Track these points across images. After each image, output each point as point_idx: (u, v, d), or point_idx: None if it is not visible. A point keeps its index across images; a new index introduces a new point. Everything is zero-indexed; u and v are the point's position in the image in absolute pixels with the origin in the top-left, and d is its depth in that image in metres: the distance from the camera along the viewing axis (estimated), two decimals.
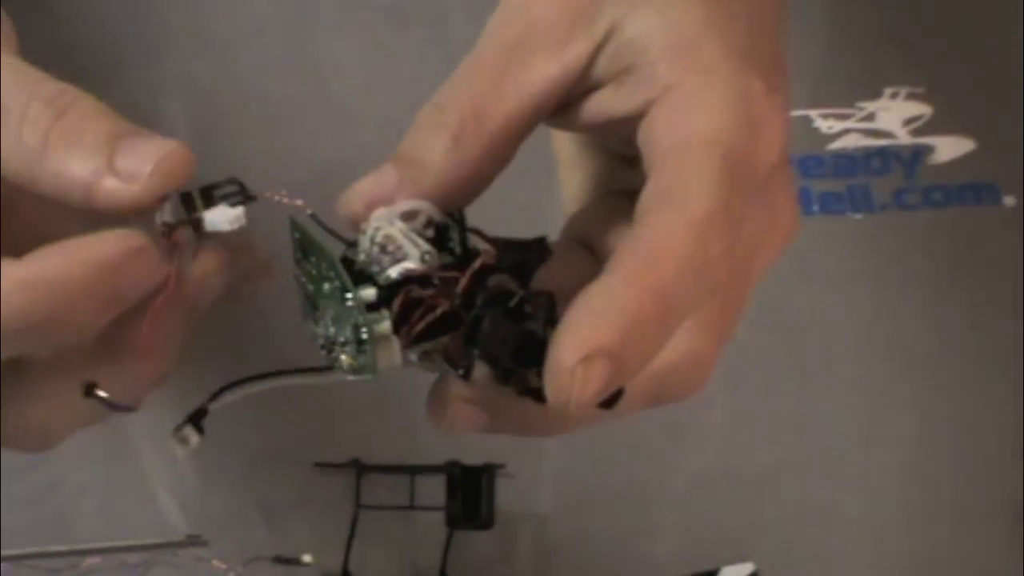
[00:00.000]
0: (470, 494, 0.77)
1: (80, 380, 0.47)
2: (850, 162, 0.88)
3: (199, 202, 0.47)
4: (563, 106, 0.51)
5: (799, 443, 0.82)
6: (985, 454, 0.82)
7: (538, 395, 0.46)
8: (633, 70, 0.50)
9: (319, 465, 0.79)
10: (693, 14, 0.50)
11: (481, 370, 0.47)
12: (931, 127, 0.89)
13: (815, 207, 0.87)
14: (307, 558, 0.77)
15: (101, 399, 0.47)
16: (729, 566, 0.79)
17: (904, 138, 0.89)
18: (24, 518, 0.78)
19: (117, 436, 0.80)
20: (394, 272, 0.46)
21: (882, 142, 0.89)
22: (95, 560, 0.77)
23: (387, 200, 0.48)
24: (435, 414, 0.49)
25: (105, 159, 0.45)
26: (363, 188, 0.49)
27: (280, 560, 0.77)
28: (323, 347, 0.48)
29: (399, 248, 0.46)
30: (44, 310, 0.43)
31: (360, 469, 0.78)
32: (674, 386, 0.51)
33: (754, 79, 0.49)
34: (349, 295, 0.45)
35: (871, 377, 0.83)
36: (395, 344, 0.46)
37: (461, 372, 0.47)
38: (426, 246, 0.46)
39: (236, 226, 0.47)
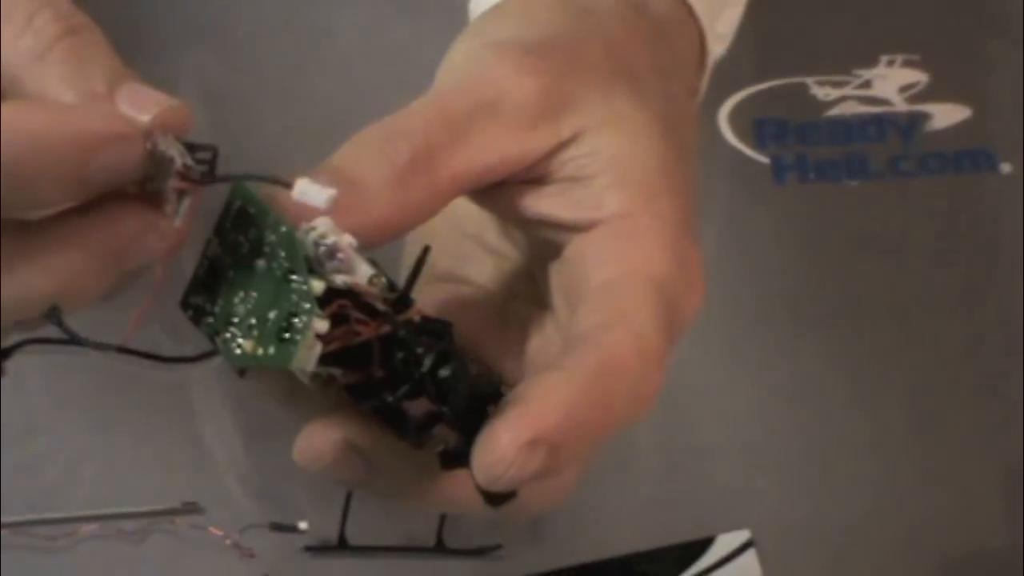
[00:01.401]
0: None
1: None
2: (847, 129, 0.88)
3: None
4: (497, 186, 0.50)
5: (796, 411, 0.82)
6: (984, 422, 0.82)
7: (450, 459, 0.46)
8: (586, 183, 0.49)
9: None
10: (658, 156, 0.50)
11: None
12: (927, 94, 0.89)
13: (811, 174, 0.88)
14: (303, 525, 0.77)
15: (61, 326, 0.43)
16: (725, 534, 0.79)
17: (900, 105, 0.89)
18: (20, 486, 0.77)
19: (114, 405, 0.80)
20: (340, 280, 0.44)
21: (878, 109, 0.89)
22: (91, 528, 0.77)
23: (316, 212, 0.45)
24: (310, 452, 0.47)
25: (105, 89, 0.43)
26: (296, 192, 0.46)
27: (276, 527, 0.77)
28: (209, 326, 0.45)
29: (347, 260, 0.44)
30: (9, 160, 0.40)
31: None
32: (525, 509, 0.50)
33: (692, 246, 0.50)
34: (298, 278, 0.43)
35: (868, 344, 0.83)
36: (317, 348, 0.43)
37: (367, 407, 0.46)
38: (375, 270, 0.44)
39: (329, 206, 0.43)
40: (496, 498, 0.47)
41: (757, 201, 0.86)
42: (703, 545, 0.79)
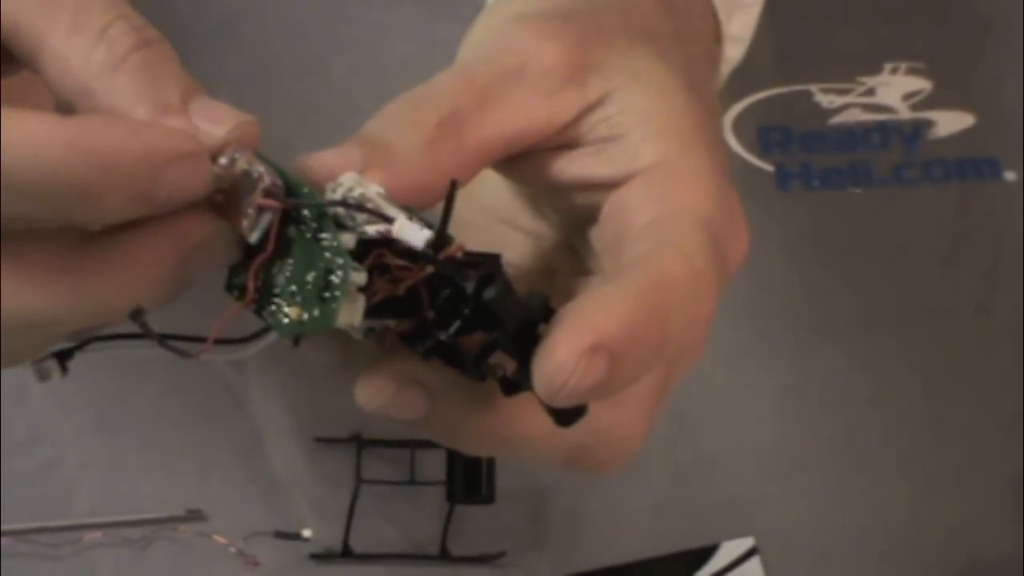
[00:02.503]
0: (471, 469, 0.77)
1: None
2: (850, 137, 0.89)
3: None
4: (527, 155, 0.50)
5: (800, 418, 0.82)
6: (988, 428, 0.82)
7: (511, 385, 0.45)
8: (620, 141, 0.49)
9: (320, 440, 0.79)
10: (688, 109, 0.50)
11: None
12: (931, 102, 0.89)
13: (816, 182, 0.88)
14: (307, 533, 0.77)
15: (145, 328, 0.43)
16: (729, 541, 0.79)
17: (904, 113, 0.89)
18: (25, 494, 0.78)
19: (118, 412, 0.80)
20: (373, 230, 0.43)
21: (882, 117, 0.89)
22: (95, 535, 0.77)
23: (338, 171, 0.45)
24: (371, 391, 0.46)
25: (179, 103, 0.43)
26: (327, 159, 0.46)
27: (280, 535, 0.77)
28: (255, 303, 0.45)
29: (377, 208, 0.44)
30: (77, 177, 0.40)
31: (361, 444, 0.78)
32: (593, 455, 0.49)
33: (733, 192, 0.50)
34: (327, 235, 0.43)
35: (872, 352, 0.83)
36: (361, 301, 0.43)
37: (422, 350, 0.45)
38: (409, 214, 0.44)
39: (426, 246, 0.43)
40: (566, 416, 0.45)
41: (761, 209, 0.86)
42: (707, 552, 0.79)
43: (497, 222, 0.55)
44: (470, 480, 0.77)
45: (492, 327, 0.44)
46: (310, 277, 0.43)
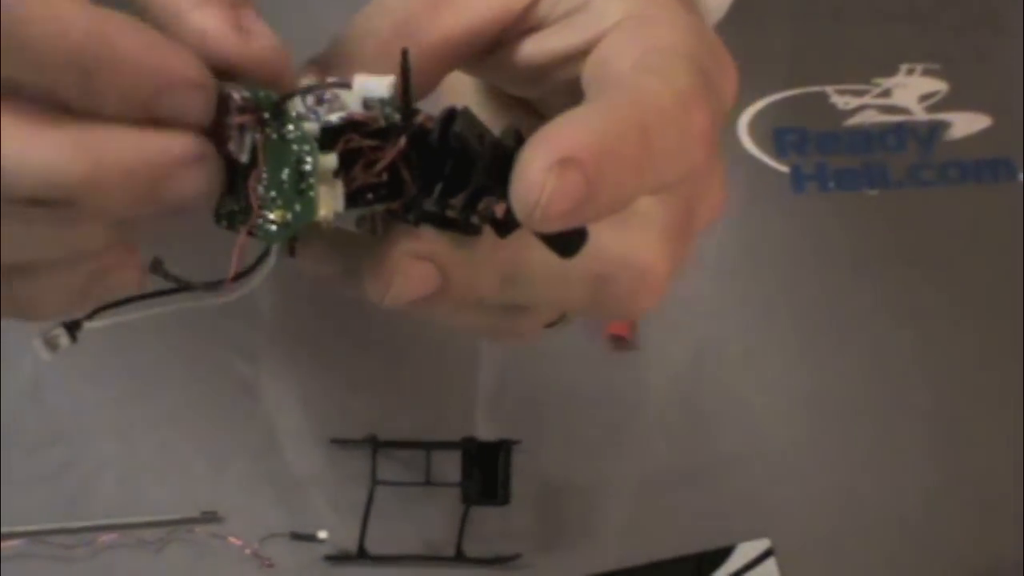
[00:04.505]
0: (486, 470, 0.77)
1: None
2: (866, 138, 0.88)
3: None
4: (496, 49, 0.50)
5: (815, 420, 0.82)
6: (1003, 432, 0.81)
7: (504, 226, 0.45)
8: (585, 8, 0.49)
9: (335, 441, 0.79)
10: None
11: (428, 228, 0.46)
12: (947, 103, 0.89)
13: (831, 183, 0.88)
14: (323, 534, 0.77)
15: (166, 276, 0.44)
16: (745, 542, 0.79)
17: (920, 114, 0.89)
18: (40, 495, 0.78)
19: (133, 413, 0.80)
20: (335, 117, 0.43)
21: (898, 118, 0.89)
22: (111, 537, 0.77)
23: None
24: (379, 281, 0.46)
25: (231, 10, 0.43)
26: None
27: (296, 536, 0.77)
28: (245, 224, 0.44)
29: (336, 98, 0.44)
30: (88, 63, 0.39)
31: (376, 445, 0.78)
32: (617, 287, 0.48)
33: (711, 31, 0.49)
34: (292, 128, 0.43)
35: (887, 354, 0.83)
36: (339, 187, 0.43)
37: (411, 219, 0.45)
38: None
39: (393, 91, 0.43)
40: (564, 244, 0.44)
41: (776, 210, 0.86)
42: (723, 554, 0.79)
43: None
44: (485, 482, 0.77)
45: (469, 168, 0.44)
46: (284, 175, 0.43)
